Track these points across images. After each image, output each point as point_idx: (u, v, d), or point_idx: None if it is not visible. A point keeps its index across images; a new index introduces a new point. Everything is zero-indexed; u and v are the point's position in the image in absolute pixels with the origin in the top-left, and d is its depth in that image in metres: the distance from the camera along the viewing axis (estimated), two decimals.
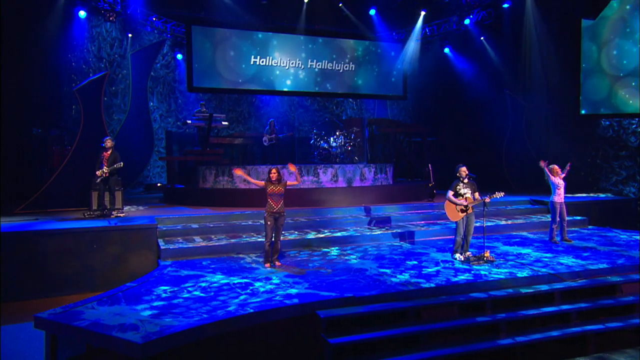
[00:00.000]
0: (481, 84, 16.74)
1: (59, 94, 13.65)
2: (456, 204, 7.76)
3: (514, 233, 10.40)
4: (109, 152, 9.92)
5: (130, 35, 15.54)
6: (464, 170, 7.78)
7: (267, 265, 7.67)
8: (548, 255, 8.23)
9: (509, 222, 11.03)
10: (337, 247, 9.07)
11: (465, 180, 7.78)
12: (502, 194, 7.57)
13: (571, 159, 12.05)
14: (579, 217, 11.48)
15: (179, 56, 17.09)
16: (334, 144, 14.37)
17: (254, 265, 7.82)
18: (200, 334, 5.16)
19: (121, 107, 16.03)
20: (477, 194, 7.75)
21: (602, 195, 14.15)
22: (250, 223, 10.11)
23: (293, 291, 6.31)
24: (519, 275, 6.94)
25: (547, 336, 6.05)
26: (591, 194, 14.22)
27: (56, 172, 11.10)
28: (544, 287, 6.70)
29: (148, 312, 5.59)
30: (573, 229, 10.78)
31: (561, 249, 8.70)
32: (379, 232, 9.85)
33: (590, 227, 11.31)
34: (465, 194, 7.71)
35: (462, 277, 6.84)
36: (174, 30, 16.75)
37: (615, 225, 11.57)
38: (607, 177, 15.04)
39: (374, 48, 17.70)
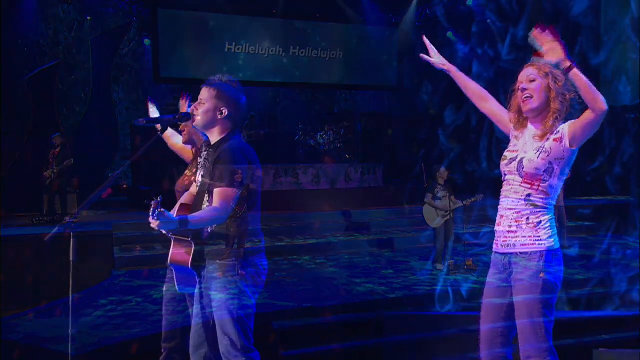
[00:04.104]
0: (490, 69, 16.96)
1: (8, 85, 14.05)
2: (437, 209, 8.19)
3: None
4: (57, 150, 10.32)
5: (89, 17, 15.99)
6: (444, 172, 8.23)
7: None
8: None
9: None
10: (310, 256, 9.52)
11: (442, 183, 8.22)
12: (481, 196, 8.01)
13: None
14: (589, 223, 11.88)
15: (147, 41, 17.44)
16: (322, 141, 14.79)
17: None
18: (141, 346, 5.61)
19: (82, 98, 16.51)
20: (453, 197, 8.19)
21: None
22: None
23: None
24: None
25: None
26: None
27: (2, 172, 11.57)
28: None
29: (89, 324, 6.06)
30: (580, 235, 11.20)
31: None
32: (360, 239, 10.34)
33: (601, 234, 11.65)
34: (442, 197, 8.15)
35: (436, 287, 7.28)
36: (141, 13, 17.12)
37: None
38: None
39: (365, 33, 17.99)
